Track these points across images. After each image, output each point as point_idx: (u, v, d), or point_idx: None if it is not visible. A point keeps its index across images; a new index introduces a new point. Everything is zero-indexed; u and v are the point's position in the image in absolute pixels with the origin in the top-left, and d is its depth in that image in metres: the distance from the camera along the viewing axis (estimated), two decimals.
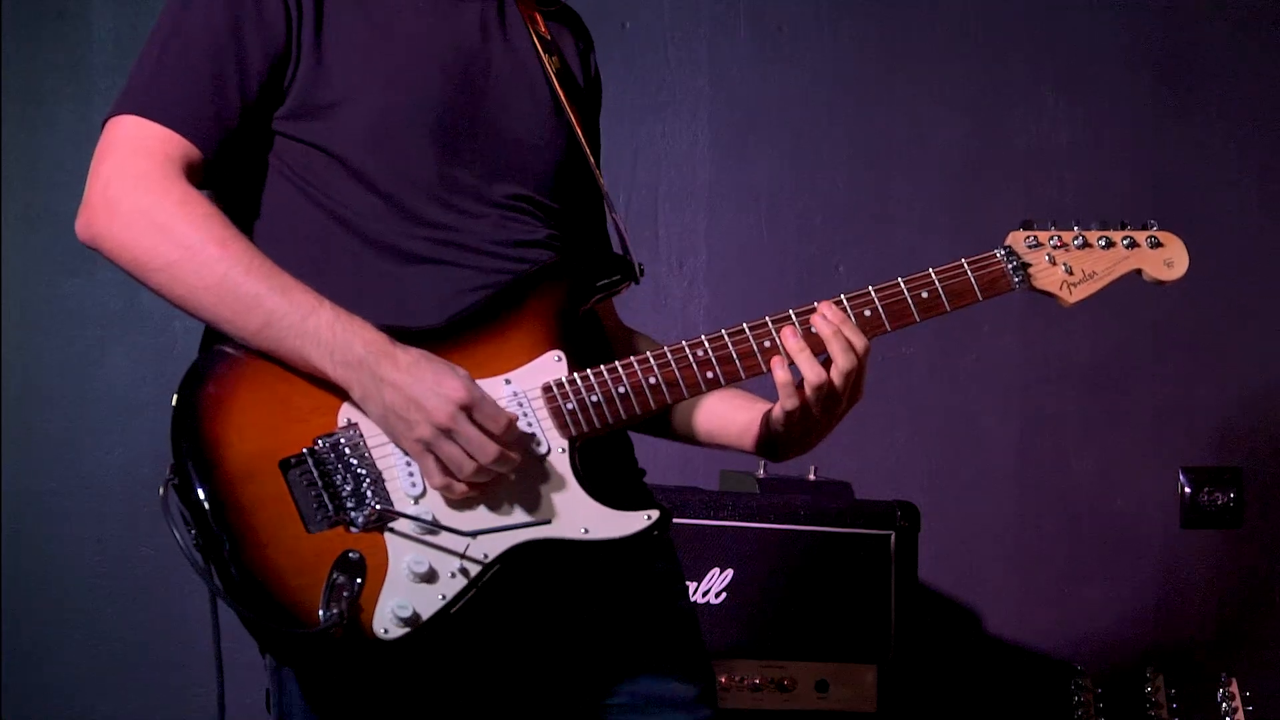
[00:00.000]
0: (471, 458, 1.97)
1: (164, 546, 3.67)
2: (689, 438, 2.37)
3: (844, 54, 4.14)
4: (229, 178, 2.13)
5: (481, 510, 2.02)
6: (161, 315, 3.76)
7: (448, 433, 1.97)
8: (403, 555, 1.98)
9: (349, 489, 1.99)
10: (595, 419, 2.09)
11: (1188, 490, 4.16)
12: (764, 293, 4.03)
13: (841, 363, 2.13)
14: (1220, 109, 4.25)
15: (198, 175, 2.07)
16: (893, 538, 3.34)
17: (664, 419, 2.35)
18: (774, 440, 2.25)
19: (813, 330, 2.13)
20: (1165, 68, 4.24)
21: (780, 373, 2.13)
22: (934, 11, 4.17)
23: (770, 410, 2.23)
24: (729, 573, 3.27)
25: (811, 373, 2.12)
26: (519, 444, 2.02)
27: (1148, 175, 4.22)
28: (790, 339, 2.13)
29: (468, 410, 1.96)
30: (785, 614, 3.29)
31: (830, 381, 2.13)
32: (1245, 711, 3.39)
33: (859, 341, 2.14)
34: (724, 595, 3.27)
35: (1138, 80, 4.23)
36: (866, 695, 3.31)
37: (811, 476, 3.57)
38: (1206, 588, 4.18)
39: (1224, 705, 3.40)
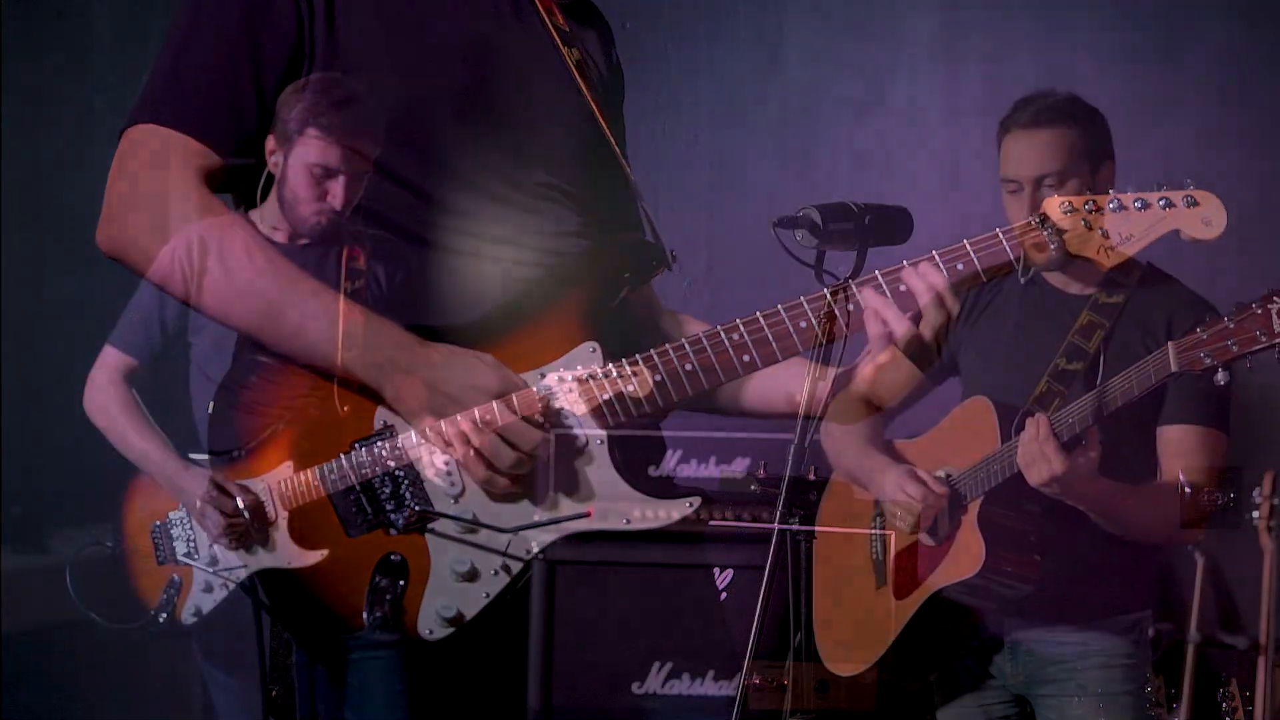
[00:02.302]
0: (513, 447, 1.96)
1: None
2: (735, 410, 2.30)
3: (843, 54, 4.13)
4: (247, 177, 2.13)
5: (521, 506, 2.01)
6: None
7: (485, 424, 1.96)
8: (444, 555, 1.98)
9: (387, 491, 1.99)
10: (633, 408, 2.06)
11: (1188, 490, 4.15)
12: (764, 293, 4.01)
13: (933, 318, 2.05)
14: (1221, 106, 4.24)
15: (217, 180, 2.07)
16: (892, 538, 3.33)
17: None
18: (853, 398, 2.16)
19: (902, 288, 2.06)
20: (1166, 66, 4.23)
21: (874, 326, 2.04)
22: (934, 11, 4.17)
23: (844, 372, 2.14)
24: (729, 573, 3.27)
25: (901, 327, 2.04)
26: (557, 424, 2.02)
27: (1148, 174, 4.20)
28: (874, 297, 2.05)
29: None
30: (785, 614, 3.28)
31: (919, 335, 2.04)
32: (1245, 711, 3.38)
33: (951, 301, 2.07)
34: (724, 595, 3.27)
35: (1138, 79, 4.22)
36: (866, 695, 3.31)
37: (811, 477, 3.56)
38: (1206, 588, 4.17)
39: (1224, 705, 3.39)
